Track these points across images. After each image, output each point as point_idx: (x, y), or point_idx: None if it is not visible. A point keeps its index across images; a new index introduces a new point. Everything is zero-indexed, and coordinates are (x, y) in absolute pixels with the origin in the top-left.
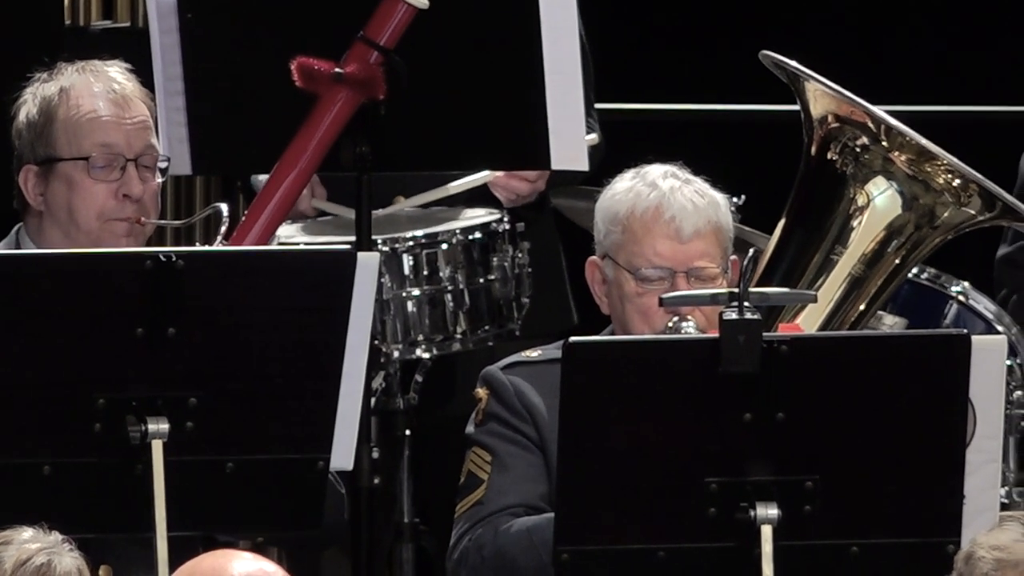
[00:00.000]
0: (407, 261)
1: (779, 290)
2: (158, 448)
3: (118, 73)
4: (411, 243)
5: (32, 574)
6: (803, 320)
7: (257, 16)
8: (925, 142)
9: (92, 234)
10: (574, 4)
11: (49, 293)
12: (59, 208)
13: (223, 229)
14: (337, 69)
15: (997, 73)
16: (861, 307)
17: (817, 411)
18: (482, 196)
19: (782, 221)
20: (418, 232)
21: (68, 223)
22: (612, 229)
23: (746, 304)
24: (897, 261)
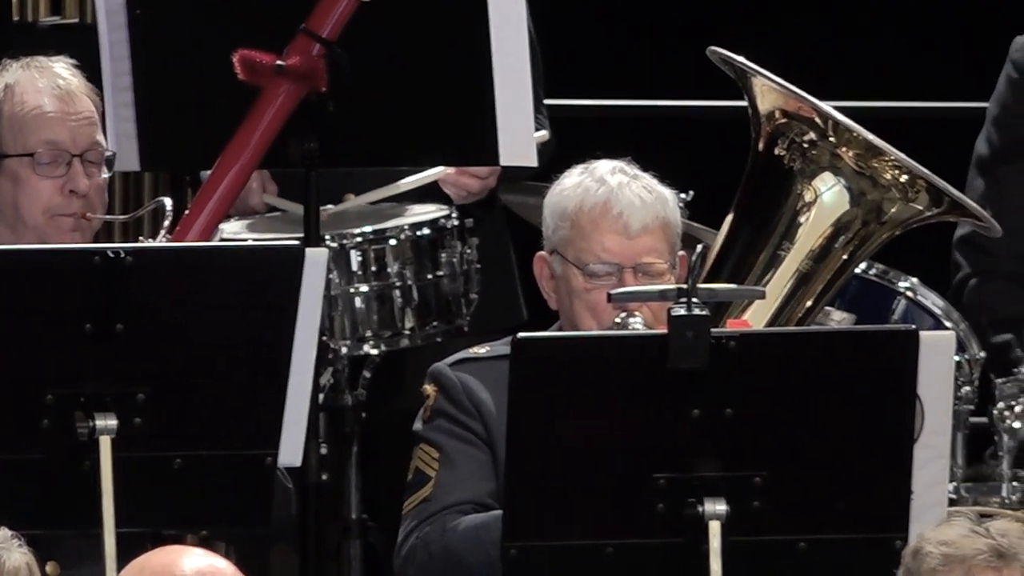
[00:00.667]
0: (355, 257)
1: (727, 286)
2: (106, 444)
3: (63, 69)
4: (359, 239)
5: None
6: (751, 316)
7: (204, 11)
8: (872, 138)
9: (39, 230)
10: (523, 2)
11: None
12: (5, 204)
13: (167, 223)
14: (279, 62)
15: (944, 69)
16: (809, 303)
17: (765, 407)
18: (432, 193)
19: (730, 217)
20: (366, 228)
21: (14, 219)
22: (560, 224)
23: (694, 300)
24: (845, 257)
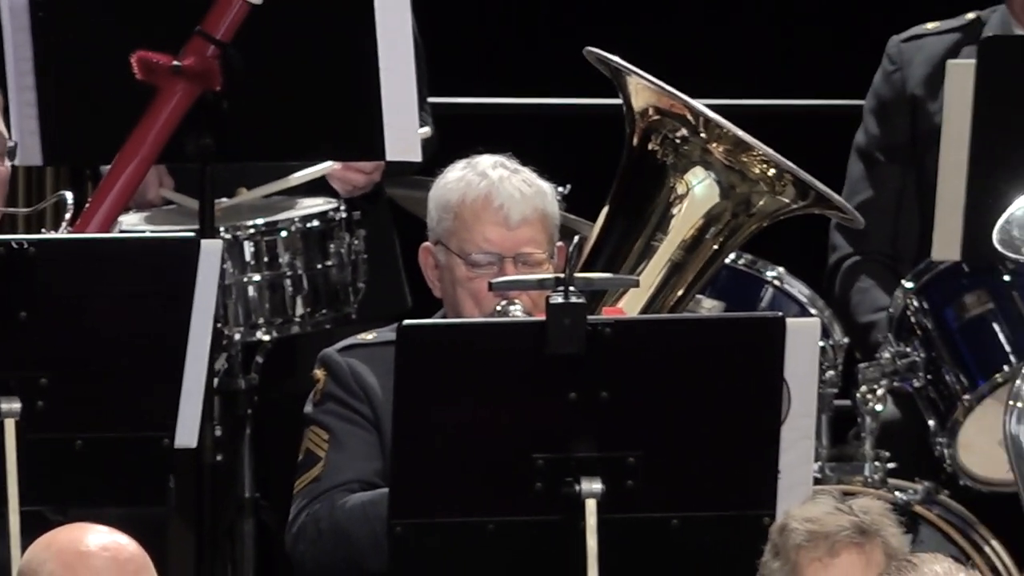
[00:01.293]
0: (248, 248)
1: (603, 275)
2: (10, 426)
3: None
4: (252, 231)
5: None
6: (626, 304)
7: (104, 13)
8: (741, 133)
9: None
10: (407, 5)
11: None
12: None
13: (68, 216)
14: (175, 62)
15: (811, 67)
16: (680, 291)
17: (639, 390)
18: (321, 187)
19: (605, 209)
20: (259, 220)
21: None
22: (444, 216)
23: (571, 288)
24: (715, 247)
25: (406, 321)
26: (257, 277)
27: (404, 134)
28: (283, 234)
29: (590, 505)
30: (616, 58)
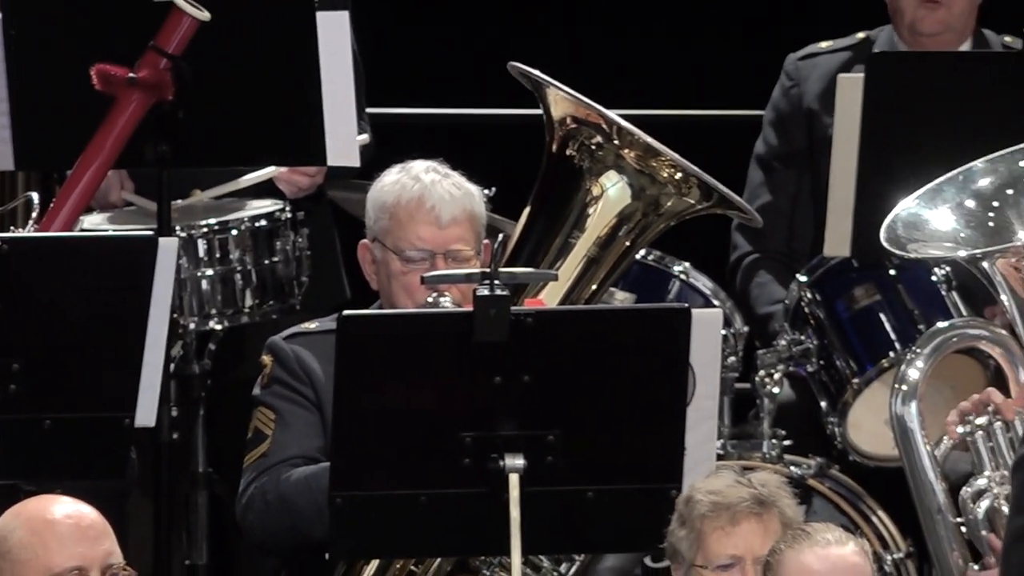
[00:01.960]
0: (202, 245)
1: (525, 270)
2: None
3: None
4: (205, 230)
5: None
6: (546, 296)
7: (68, 31)
8: (651, 140)
9: None
10: (347, 22)
11: None
12: None
13: (34, 215)
14: (131, 74)
15: (715, 81)
16: (595, 285)
17: (558, 374)
18: (268, 189)
19: (527, 210)
20: (211, 220)
21: None
22: (381, 216)
23: (496, 282)
24: (627, 244)
25: (346, 312)
26: (210, 272)
27: (344, 141)
28: (234, 232)
29: (513, 479)
30: (537, 72)
